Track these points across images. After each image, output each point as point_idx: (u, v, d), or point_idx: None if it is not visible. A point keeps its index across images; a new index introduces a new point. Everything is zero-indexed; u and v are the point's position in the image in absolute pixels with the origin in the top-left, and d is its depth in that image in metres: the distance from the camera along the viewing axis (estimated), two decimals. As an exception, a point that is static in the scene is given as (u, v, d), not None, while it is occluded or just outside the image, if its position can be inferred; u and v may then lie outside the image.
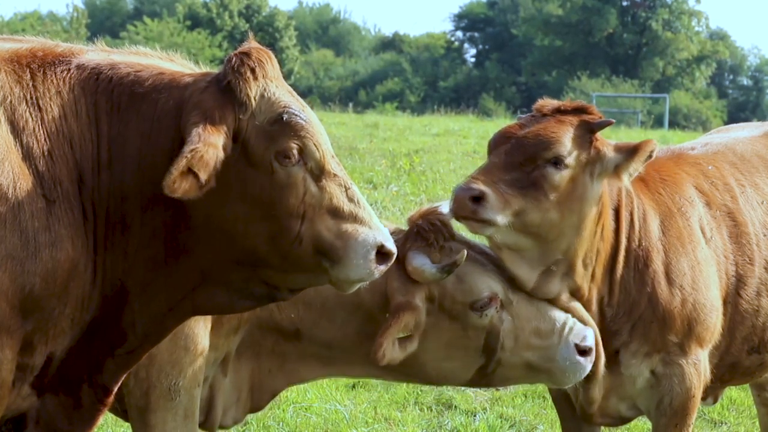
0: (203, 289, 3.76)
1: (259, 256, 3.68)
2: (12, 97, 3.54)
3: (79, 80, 3.67)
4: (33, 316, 3.52)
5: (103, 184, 3.64)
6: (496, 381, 4.78)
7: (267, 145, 3.62)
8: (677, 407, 4.87)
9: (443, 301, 4.58)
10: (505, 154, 4.47)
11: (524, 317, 4.63)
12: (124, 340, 3.80)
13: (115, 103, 3.67)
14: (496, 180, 4.39)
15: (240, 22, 66.05)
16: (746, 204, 5.17)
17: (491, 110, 52.44)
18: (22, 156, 3.50)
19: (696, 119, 60.11)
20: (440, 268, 4.48)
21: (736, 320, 5.05)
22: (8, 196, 3.42)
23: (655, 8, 71.10)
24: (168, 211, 3.63)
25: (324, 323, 4.69)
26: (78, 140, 3.61)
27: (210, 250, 3.68)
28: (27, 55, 3.65)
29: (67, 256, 3.53)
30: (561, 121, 4.57)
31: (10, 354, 3.50)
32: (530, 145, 4.48)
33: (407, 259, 4.53)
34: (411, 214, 4.76)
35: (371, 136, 22.32)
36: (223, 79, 3.63)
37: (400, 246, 4.51)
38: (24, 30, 43.09)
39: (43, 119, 3.57)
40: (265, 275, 3.76)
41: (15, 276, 3.43)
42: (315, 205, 3.67)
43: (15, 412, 3.79)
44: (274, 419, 7.19)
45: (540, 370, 4.65)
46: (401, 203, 14.42)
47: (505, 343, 4.60)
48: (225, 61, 3.69)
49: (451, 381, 4.83)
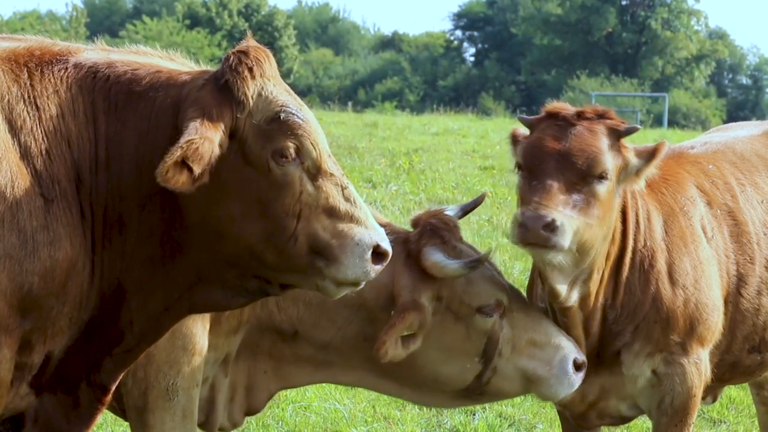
0: (199, 287, 3.77)
1: (254, 255, 3.67)
2: (9, 95, 3.54)
3: (76, 79, 3.66)
4: (31, 315, 3.52)
5: (101, 184, 3.63)
6: (489, 392, 4.80)
7: (264, 143, 3.61)
8: (678, 407, 4.87)
9: (451, 302, 4.61)
10: (558, 173, 4.42)
11: (522, 327, 4.70)
12: (121, 339, 3.80)
13: (112, 102, 3.67)
14: (560, 203, 4.36)
15: (239, 21, 65.98)
16: (746, 203, 5.17)
17: (490, 109, 52.39)
18: (19, 155, 3.49)
19: (695, 118, 60.07)
20: (465, 263, 4.53)
21: (737, 319, 5.05)
22: (6, 195, 3.42)
23: (655, 7, 71.07)
24: (165, 210, 3.63)
25: (324, 323, 4.68)
26: (76, 139, 3.61)
27: (205, 249, 3.68)
28: (24, 54, 3.65)
29: (66, 255, 3.52)
30: (593, 131, 4.54)
31: (8, 353, 3.50)
32: (580, 162, 4.44)
33: (425, 255, 4.56)
34: (419, 214, 4.80)
35: (370, 135, 22.29)
36: (221, 78, 3.62)
37: (414, 243, 4.54)
38: (23, 29, 43.15)
39: (41, 118, 3.57)
40: (259, 271, 3.75)
41: (13, 275, 3.43)
42: (311, 204, 3.66)
43: (13, 411, 3.79)
44: (273, 418, 7.19)
45: (533, 380, 4.69)
46: (400, 202, 14.41)
47: (502, 351, 4.65)
48: (223, 59, 3.68)
49: (446, 388, 4.80)
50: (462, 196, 15.09)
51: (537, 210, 4.30)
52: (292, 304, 4.65)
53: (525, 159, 4.55)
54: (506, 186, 16.11)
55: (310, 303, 4.64)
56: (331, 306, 4.63)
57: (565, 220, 4.32)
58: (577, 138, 4.50)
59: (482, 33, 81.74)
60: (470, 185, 16.03)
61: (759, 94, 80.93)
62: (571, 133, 4.52)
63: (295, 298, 4.62)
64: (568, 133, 4.52)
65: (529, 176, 4.50)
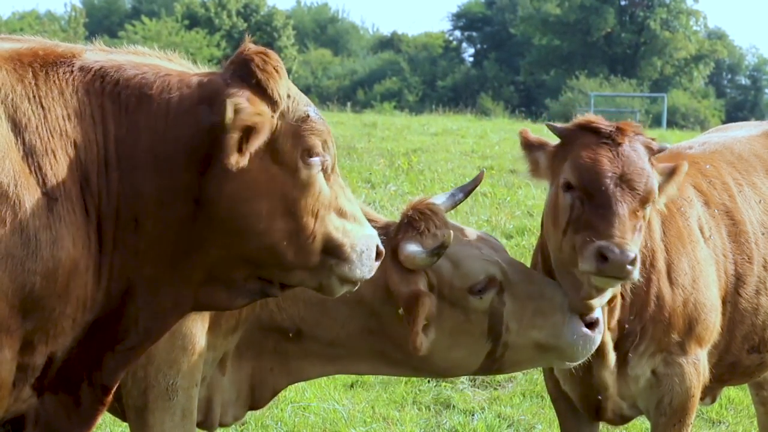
0: (206, 285, 3.79)
1: (275, 253, 3.74)
2: (14, 95, 3.52)
3: (83, 82, 3.66)
4: (33, 315, 3.50)
5: (111, 184, 3.64)
6: (507, 366, 4.74)
7: (295, 143, 3.68)
8: (677, 407, 4.88)
9: (442, 288, 4.58)
10: (622, 200, 4.40)
11: (525, 297, 4.62)
12: (125, 336, 3.80)
13: (123, 104, 3.67)
14: (633, 235, 4.38)
15: (238, 21, 65.96)
16: (744, 203, 5.18)
17: (489, 109, 52.40)
18: (23, 154, 3.48)
19: (694, 118, 60.06)
20: (429, 252, 4.48)
21: (736, 319, 5.06)
22: (9, 194, 3.40)
23: (653, 7, 71.05)
24: (187, 206, 3.65)
25: (327, 321, 4.69)
26: (82, 140, 3.60)
27: (223, 246, 3.71)
28: (29, 55, 3.64)
29: (68, 255, 3.51)
30: (639, 152, 4.54)
31: (9, 354, 3.49)
32: (640, 189, 4.45)
33: (400, 249, 4.54)
34: (403, 209, 4.76)
35: (369, 135, 22.29)
36: (250, 77, 3.65)
37: (391, 238, 4.54)
38: (22, 29, 43.05)
39: (46, 118, 3.55)
40: (265, 272, 3.81)
41: (15, 275, 3.41)
42: (326, 204, 3.77)
43: (14, 414, 3.78)
44: (273, 419, 7.19)
45: (549, 348, 4.61)
46: (399, 202, 14.39)
47: (509, 325, 4.59)
48: (242, 60, 3.69)
49: (462, 370, 4.80)
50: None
51: (623, 247, 4.30)
52: (292, 304, 4.65)
53: (583, 181, 4.47)
54: (505, 186, 16.11)
55: (310, 302, 4.64)
56: (330, 305, 4.62)
57: (638, 252, 4.36)
58: (630, 161, 4.48)
59: (481, 33, 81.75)
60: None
61: (758, 95, 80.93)
62: (622, 154, 4.49)
63: (295, 298, 4.63)
64: (618, 153, 4.50)
65: (589, 200, 4.44)
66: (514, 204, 14.85)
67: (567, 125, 4.69)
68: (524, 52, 73.93)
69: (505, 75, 73.84)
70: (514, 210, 14.35)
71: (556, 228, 4.56)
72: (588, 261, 4.33)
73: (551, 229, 4.62)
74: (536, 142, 4.74)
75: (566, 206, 4.51)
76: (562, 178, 4.54)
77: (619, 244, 4.30)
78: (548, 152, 4.69)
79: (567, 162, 4.55)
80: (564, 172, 4.54)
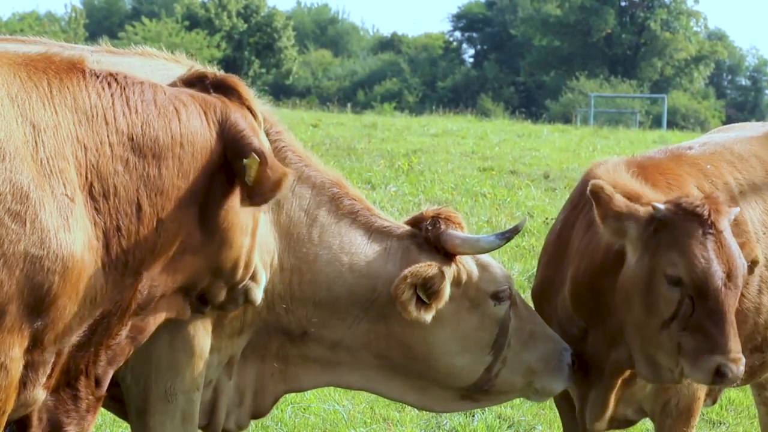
0: (179, 292, 4.05)
1: (236, 265, 4.15)
2: (29, 99, 3.60)
3: (95, 86, 3.74)
4: (46, 314, 3.56)
5: (130, 183, 3.71)
6: (496, 388, 4.86)
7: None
8: (683, 408, 4.91)
9: (468, 288, 4.71)
10: (728, 302, 4.41)
11: (524, 318, 4.83)
12: (118, 332, 3.94)
13: (132, 106, 3.78)
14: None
15: (238, 22, 65.97)
16: (745, 203, 5.17)
17: (489, 110, 52.46)
18: (40, 156, 3.53)
19: (694, 119, 60.10)
20: (500, 235, 4.63)
21: (739, 319, 5.03)
22: (28, 195, 3.46)
23: (654, 8, 71.07)
24: (204, 208, 3.89)
25: (335, 322, 4.70)
26: (95, 143, 3.67)
27: (211, 253, 4.00)
28: (42, 60, 3.73)
29: (83, 254, 3.58)
30: (731, 235, 4.53)
31: (19, 352, 3.54)
32: (740, 287, 4.50)
33: (448, 237, 4.64)
34: (424, 211, 4.83)
35: (369, 136, 22.31)
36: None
37: (431, 230, 4.68)
38: (22, 30, 43.12)
39: (60, 123, 3.63)
40: (219, 284, 4.18)
41: (33, 274, 3.46)
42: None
43: (24, 412, 3.83)
44: (273, 419, 7.18)
45: (535, 374, 4.80)
46: (399, 203, 14.39)
47: (511, 342, 4.76)
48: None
49: (459, 381, 4.84)
50: (461, 197, 15.09)
51: (738, 364, 4.34)
52: (301, 306, 4.65)
53: (698, 282, 4.38)
54: (505, 187, 16.12)
55: (320, 303, 4.66)
56: (341, 305, 4.66)
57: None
58: (731, 254, 4.45)
59: (481, 34, 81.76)
60: (469, 186, 16.03)
61: (758, 95, 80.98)
62: (724, 245, 4.44)
63: (304, 300, 4.64)
64: (722, 245, 4.44)
65: (701, 301, 4.39)
66: (514, 205, 14.85)
67: (669, 207, 4.48)
68: (524, 53, 73.96)
69: (506, 76, 73.85)
70: (514, 211, 14.34)
71: (652, 314, 4.48)
72: (703, 373, 4.36)
73: (641, 310, 4.52)
74: (624, 209, 4.51)
75: (673, 300, 4.42)
76: (671, 272, 4.41)
77: (736, 360, 4.33)
78: (641, 225, 4.49)
79: (674, 253, 4.42)
80: (671, 266, 4.41)
